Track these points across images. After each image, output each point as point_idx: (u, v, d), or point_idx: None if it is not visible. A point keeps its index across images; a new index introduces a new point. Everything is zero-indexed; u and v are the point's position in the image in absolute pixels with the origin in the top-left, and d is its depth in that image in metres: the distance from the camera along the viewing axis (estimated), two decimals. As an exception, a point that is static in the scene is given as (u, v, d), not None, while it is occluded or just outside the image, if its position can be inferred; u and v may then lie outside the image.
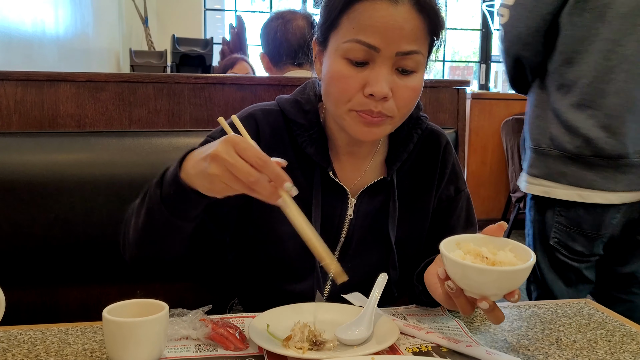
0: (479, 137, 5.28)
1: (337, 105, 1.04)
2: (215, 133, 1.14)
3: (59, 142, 1.44)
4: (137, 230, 1.02)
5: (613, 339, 0.99)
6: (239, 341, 0.92)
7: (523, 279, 0.85)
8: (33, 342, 0.93)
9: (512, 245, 0.91)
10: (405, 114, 1.06)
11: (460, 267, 0.86)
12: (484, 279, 0.85)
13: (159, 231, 1.01)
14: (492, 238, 0.92)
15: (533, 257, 0.86)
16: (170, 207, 0.95)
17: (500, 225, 0.92)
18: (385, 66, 1.00)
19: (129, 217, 1.07)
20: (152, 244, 1.04)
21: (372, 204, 1.16)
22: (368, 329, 0.95)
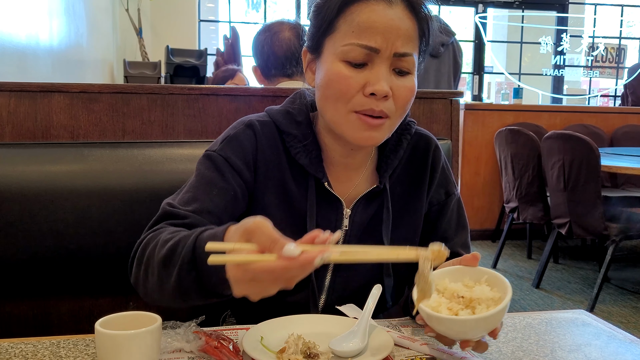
0: (473, 148, 5.30)
1: (337, 108, 1.04)
2: (215, 146, 1.13)
3: (52, 153, 1.44)
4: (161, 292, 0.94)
5: (608, 350, 0.99)
6: (233, 354, 0.91)
7: (501, 318, 0.87)
8: (24, 355, 0.92)
9: (488, 275, 0.92)
10: (402, 115, 1.07)
11: (436, 319, 0.87)
12: (461, 328, 0.86)
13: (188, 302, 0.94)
14: (468, 269, 0.94)
15: (509, 293, 0.86)
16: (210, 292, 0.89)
17: (474, 256, 0.95)
18: (384, 66, 1.01)
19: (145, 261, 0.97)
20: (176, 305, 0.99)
21: (366, 213, 1.16)
22: (362, 341, 0.95)
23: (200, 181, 1.09)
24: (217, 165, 1.10)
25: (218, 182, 1.09)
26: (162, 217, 1.05)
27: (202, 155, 1.13)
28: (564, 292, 4.01)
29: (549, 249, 4.08)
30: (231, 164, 1.10)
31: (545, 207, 4.07)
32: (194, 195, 1.07)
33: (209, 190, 1.08)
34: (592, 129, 5.32)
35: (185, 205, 1.05)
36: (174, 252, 0.91)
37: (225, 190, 1.08)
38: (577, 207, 3.66)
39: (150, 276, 0.95)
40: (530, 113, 5.43)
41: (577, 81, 7.47)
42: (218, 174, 1.09)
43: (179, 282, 0.89)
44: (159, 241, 0.95)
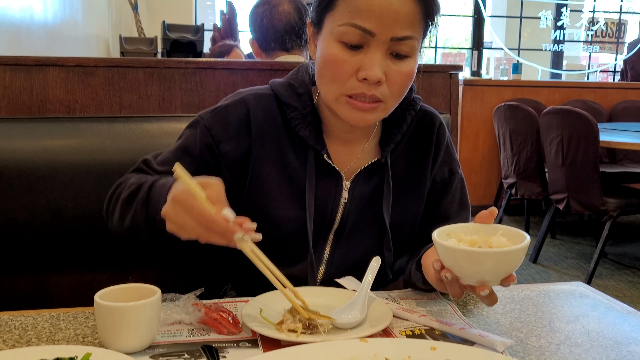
0: (471, 124, 5.28)
1: (330, 89, 1.04)
2: (206, 113, 1.14)
3: (49, 127, 1.43)
4: (121, 229, 1.07)
5: (605, 320, 1.00)
6: (232, 325, 0.91)
7: (520, 260, 0.85)
8: (24, 327, 0.93)
9: (503, 230, 0.91)
10: (397, 99, 1.06)
11: (455, 253, 0.85)
12: (480, 264, 0.84)
13: (143, 241, 1.06)
14: (483, 226, 0.92)
15: (527, 238, 0.86)
16: (155, 231, 0.99)
17: (491, 212, 0.92)
18: (380, 50, 0.99)
19: (113, 201, 1.10)
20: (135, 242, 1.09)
21: (367, 187, 1.16)
22: (361, 313, 0.95)
23: (179, 146, 1.14)
24: (198, 134, 1.12)
25: (193, 150, 1.12)
26: (135, 169, 1.16)
27: (193, 119, 1.15)
28: (561, 267, 4.04)
29: (546, 224, 4.10)
30: (212, 135, 1.11)
31: (543, 182, 4.08)
32: (169, 158, 1.13)
33: (182, 157, 1.10)
34: (591, 104, 5.30)
35: (159, 165, 1.13)
36: (134, 194, 1.04)
37: (197, 161, 1.11)
38: (575, 182, 3.67)
39: (116, 213, 1.07)
40: (529, 89, 5.40)
41: (577, 56, 7.42)
42: (196, 142, 1.12)
43: (133, 220, 1.03)
44: (127, 182, 1.08)
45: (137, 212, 1.02)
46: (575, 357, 0.86)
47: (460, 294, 0.91)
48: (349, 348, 0.81)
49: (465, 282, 0.88)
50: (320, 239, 1.17)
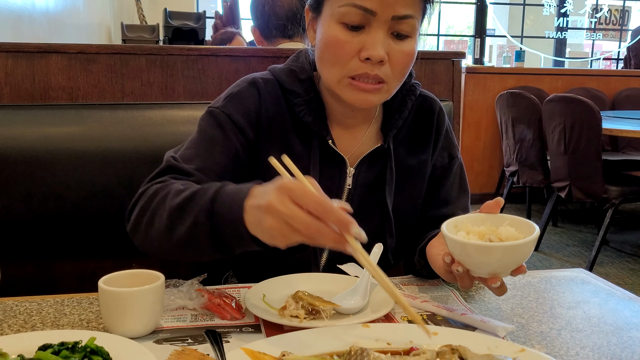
0: (473, 112, 5.27)
1: (332, 72, 1.03)
2: (218, 102, 1.12)
3: (51, 114, 1.43)
4: (167, 240, 0.93)
5: (606, 307, 1.00)
6: (236, 311, 0.92)
7: (530, 251, 0.85)
8: (29, 313, 0.93)
9: (510, 219, 0.91)
10: (400, 80, 1.06)
11: (466, 247, 0.85)
12: (491, 257, 0.84)
13: (193, 254, 0.94)
14: (489, 216, 0.92)
15: (537, 229, 0.86)
16: (220, 244, 0.88)
17: (497, 201, 0.92)
18: (381, 30, 0.99)
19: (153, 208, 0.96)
20: (176, 256, 0.98)
21: (370, 173, 1.16)
22: (364, 298, 0.96)
23: (202, 138, 1.09)
24: (219, 122, 1.09)
25: (220, 139, 1.08)
26: (165, 170, 1.05)
27: (205, 112, 1.13)
28: (562, 255, 4.05)
29: (548, 212, 4.10)
30: (233, 121, 1.09)
31: (545, 170, 4.07)
32: (196, 152, 1.07)
33: (210, 148, 1.07)
34: (593, 92, 5.29)
35: (187, 162, 1.05)
36: (191, 200, 0.89)
37: (227, 149, 1.08)
38: (578, 170, 3.66)
39: (157, 223, 0.94)
40: (532, 76, 5.38)
41: (580, 44, 7.38)
42: (220, 131, 1.09)
43: (191, 229, 0.88)
44: (171, 190, 0.94)
45: (198, 224, 0.88)
46: (577, 343, 0.86)
47: (470, 285, 0.92)
48: (351, 333, 0.82)
49: (476, 274, 0.89)
50: (323, 226, 1.16)
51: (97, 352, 0.69)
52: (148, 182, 1.04)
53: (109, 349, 0.70)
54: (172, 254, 0.96)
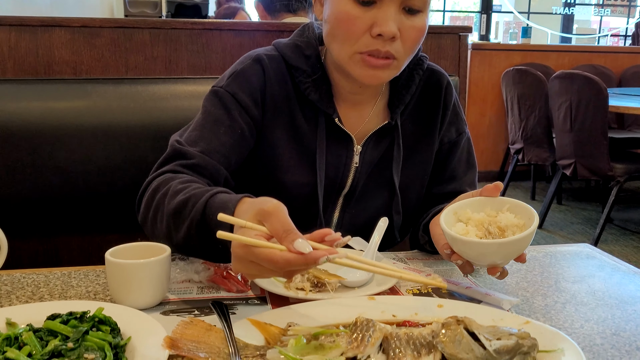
0: (479, 89, 5.24)
1: (343, 48, 1.01)
2: (222, 81, 1.11)
3: (55, 89, 1.42)
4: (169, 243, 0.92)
5: (611, 281, 1.00)
6: (241, 283, 0.92)
7: (529, 242, 0.86)
8: (37, 284, 0.94)
9: (510, 204, 0.91)
10: (410, 56, 1.04)
11: (465, 244, 0.86)
12: (490, 252, 0.85)
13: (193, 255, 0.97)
14: (489, 199, 0.92)
15: (536, 217, 0.85)
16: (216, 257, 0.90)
17: (496, 186, 0.92)
18: (393, 5, 0.97)
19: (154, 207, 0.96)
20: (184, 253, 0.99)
21: (377, 150, 1.15)
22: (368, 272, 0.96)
23: (207, 119, 1.08)
24: (223, 102, 1.08)
25: (225, 120, 1.07)
26: (171, 156, 1.04)
27: (209, 92, 1.12)
28: (567, 233, 4.05)
29: (553, 189, 4.09)
30: (238, 101, 1.08)
31: (551, 148, 4.06)
32: (201, 133, 1.06)
33: (215, 129, 1.07)
34: (600, 69, 5.24)
35: (192, 145, 1.04)
36: (184, 207, 0.89)
37: (233, 129, 1.07)
38: (583, 147, 3.65)
39: (159, 223, 0.95)
40: (538, 53, 5.33)
41: (587, 20, 7.29)
42: (225, 111, 1.08)
43: (186, 239, 0.89)
44: (170, 190, 0.94)
45: (192, 236, 0.89)
46: (581, 316, 0.87)
47: (471, 271, 0.93)
48: (357, 305, 0.82)
49: (476, 265, 0.90)
50: (330, 202, 1.17)
51: (105, 321, 0.70)
52: (155, 169, 1.04)
53: (116, 319, 0.71)
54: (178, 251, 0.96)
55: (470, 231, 0.87)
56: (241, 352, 0.67)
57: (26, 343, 0.64)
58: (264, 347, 0.69)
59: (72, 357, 0.62)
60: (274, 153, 1.11)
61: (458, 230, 0.87)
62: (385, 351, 0.67)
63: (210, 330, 0.71)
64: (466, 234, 0.87)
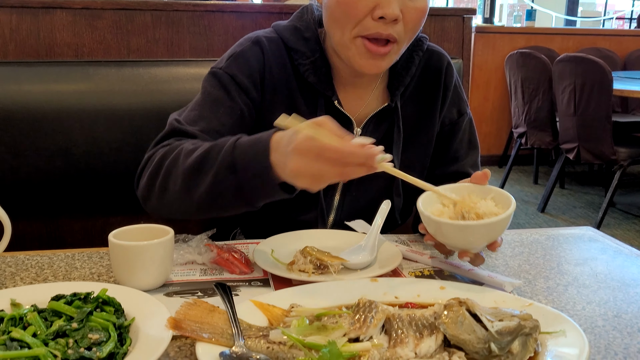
0: (482, 72, 5.21)
1: (344, 32, 1.00)
2: (221, 63, 1.11)
3: (57, 71, 1.42)
4: (187, 201, 0.92)
5: (614, 263, 1.00)
6: (244, 265, 0.93)
7: (503, 229, 0.86)
8: (40, 266, 0.94)
9: (495, 193, 0.91)
10: (411, 38, 1.03)
11: (436, 224, 0.86)
12: (463, 235, 0.85)
13: (216, 211, 0.93)
14: (475, 186, 0.92)
15: (512, 207, 0.85)
16: (246, 196, 0.86)
17: (485, 173, 0.92)
18: None
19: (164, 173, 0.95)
20: (198, 215, 0.97)
21: (377, 133, 1.15)
22: (371, 254, 0.96)
23: (206, 99, 1.08)
24: (223, 83, 1.08)
25: (224, 100, 1.07)
26: (170, 134, 1.04)
27: (208, 73, 1.11)
28: (569, 217, 4.05)
29: (555, 173, 4.09)
30: (237, 82, 1.07)
31: (554, 132, 4.04)
32: (200, 113, 1.06)
33: (215, 109, 1.06)
34: (605, 52, 5.20)
35: (192, 124, 1.04)
36: (206, 159, 0.88)
37: (232, 109, 1.07)
38: (587, 131, 3.63)
39: (172, 186, 0.93)
40: (543, 36, 5.29)
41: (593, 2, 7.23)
42: (224, 92, 1.07)
43: (214, 187, 0.87)
44: (182, 152, 0.93)
45: (221, 181, 0.86)
46: (583, 298, 0.87)
47: (448, 253, 0.94)
48: (359, 287, 0.82)
49: (449, 247, 0.91)
50: (330, 186, 1.16)
51: (109, 302, 0.70)
52: (153, 146, 1.03)
53: (120, 300, 0.71)
54: (191, 215, 0.95)
55: (444, 213, 0.87)
56: (244, 332, 0.68)
57: (31, 323, 0.64)
58: (267, 328, 0.69)
59: (76, 337, 0.63)
60: None
61: (433, 211, 0.88)
62: (387, 332, 0.68)
63: (213, 311, 0.71)
64: (440, 215, 0.87)
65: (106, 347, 0.62)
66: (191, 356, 0.68)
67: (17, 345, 0.59)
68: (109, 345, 0.63)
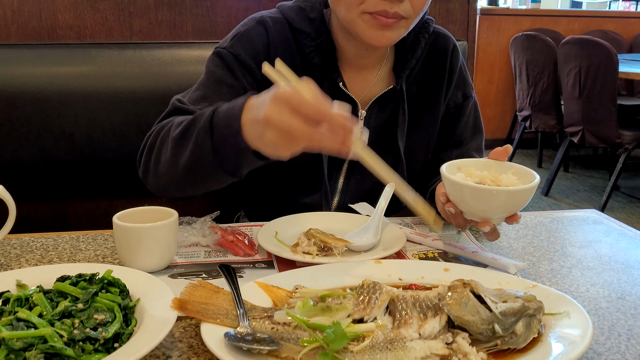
0: (487, 55, 5.17)
1: (349, 9, 0.99)
2: (225, 42, 1.10)
3: (59, 54, 1.41)
4: (174, 170, 0.92)
5: (618, 246, 1.00)
6: (248, 247, 0.93)
7: (526, 200, 0.85)
8: (45, 248, 0.95)
9: (516, 168, 0.90)
10: (418, 16, 1.02)
11: (462, 188, 0.85)
12: (485, 201, 0.84)
13: (201, 179, 0.91)
14: (496, 162, 0.91)
15: (536, 179, 0.85)
16: (224, 163, 0.84)
17: (505, 149, 0.91)
18: None
19: (158, 145, 0.95)
20: (187, 187, 0.95)
21: (382, 116, 1.14)
22: (375, 236, 0.96)
23: (210, 79, 1.07)
24: (226, 62, 1.07)
25: (228, 80, 1.06)
26: (171, 113, 1.03)
27: (212, 53, 1.10)
28: (573, 200, 4.04)
29: (560, 157, 4.07)
30: (241, 62, 1.07)
31: (559, 115, 4.02)
32: (203, 93, 1.05)
33: (218, 89, 1.06)
34: (611, 34, 5.15)
35: (194, 104, 1.03)
36: (190, 127, 0.87)
37: (235, 89, 1.06)
38: (592, 114, 3.61)
39: (163, 156, 0.93)
40: (548, 18, 5.24)
41: (599, -16, 7.15)
42: (227, 71, 1.07)
43: (195, 152, 0.86)
44: (173, 124, 0.93)
45: (199, 143, 0.85)
46: (587, 280, 0.87)
47: (464, 225, 0.92)
48: (364, 269, 0.83)
49: (468, 217, 0.89)
50: (335, 168, 1.16)
51: (114, 283, 0.70)
52: (155, 125, 1.03)
53: (125, 282, 0.71)
54: (182, 187, 0.94)
55: (469, 181, 0.87)
56: (249, 313, 0.68)
57: (37, 304, 0.65)
58: (271, 309, 0.70)
59: (82, 318, 0.63)
60: None
61: (457, 178, 0.87)
62: (391, 313, 0.68)
63: (218, 292, 0.72)
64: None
65: (112, 328, 0.62)
66: (196, 337, 0.69)
67: (24, 326, 0.60)
68: (114, 325, 0.63)
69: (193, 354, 0.66)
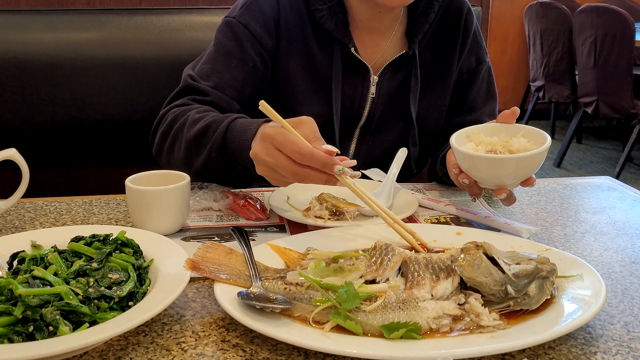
0: (500, 25, 5.08)
1: None
2: (234, 11, 1.09)
3: (69, 20, 1.40)
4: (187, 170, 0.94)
5: (632, 212, 0.99)
6: (260, 212, 0.93)
7: (539, 164, 0.84)
8: (59, 212, 0.95)
9: (525, 130, 0.88)
10: None
11: (473, 159, 0.84)
12: (498, 169, 0.83)
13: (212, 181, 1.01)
14: (504, 126, 0.90)
15: (548, 141, 0.83)
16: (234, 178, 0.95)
17: (513, 111, 0.90)
18: None
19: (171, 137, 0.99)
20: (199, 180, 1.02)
21: (394, 81, 1.13)
22: (387, 201, 0.96)
23: (219, 51, 1.07)
24: (235, 33, 1.06)
25: (237, 52, 1.06)
26: (184, 91, 1.05)
27: (221, 22, 1.09)
28: (585, 172, 4.01)
29: (573, 128, 4.03)
30: (251, 31, 1.06)
31: (573, 85, 3.96)
32: (213, 67, 1.06)
33: (227, 62, 1.05)
34: (628, 2, 5.02)
35: (205, 79, 1.04)
36: (205, 134, 0.92)
37: (244, 62, 1.06)
38: (606, 84, 3.56)
39: (177, 151, 0.98)
40: (564, -14, 5.12)
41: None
42: (237, 43, 1.06)
43: (207, 162, 0.93)
44: (188, 119, 0.96)
45: (212, 159, 0.92)
46: (600, 245, 0.86)
47: (479, 193, 0.91)
48: (375, 232, 0.82)
49: (483, 185, 0.88)
50: (347, 134, 1.16)
51: (127, 244, 0.71)
52: (168, 103, 1.05)
53: (139, 243, 0.72)
54: (195, 177, 0.97)
55: (479, 151, 0.86)
56: (261, 274, 0.68)
57: (52, 263, 0.65)
58: (284, 270, 0.70)
59: (96, 277, 0.63)
60: (289, 84, 1.10)
61: (468, 149, 0.86)
62: (404, 275, 0.68)
63: (230, 253, 0.72)
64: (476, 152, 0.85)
65: (126, 287, 0.63)
66: (209, 297, 0.69)
67: (39, 284, 0.60)
68: (128, 284, 0.63)
69: (207, 313, 0.66)
